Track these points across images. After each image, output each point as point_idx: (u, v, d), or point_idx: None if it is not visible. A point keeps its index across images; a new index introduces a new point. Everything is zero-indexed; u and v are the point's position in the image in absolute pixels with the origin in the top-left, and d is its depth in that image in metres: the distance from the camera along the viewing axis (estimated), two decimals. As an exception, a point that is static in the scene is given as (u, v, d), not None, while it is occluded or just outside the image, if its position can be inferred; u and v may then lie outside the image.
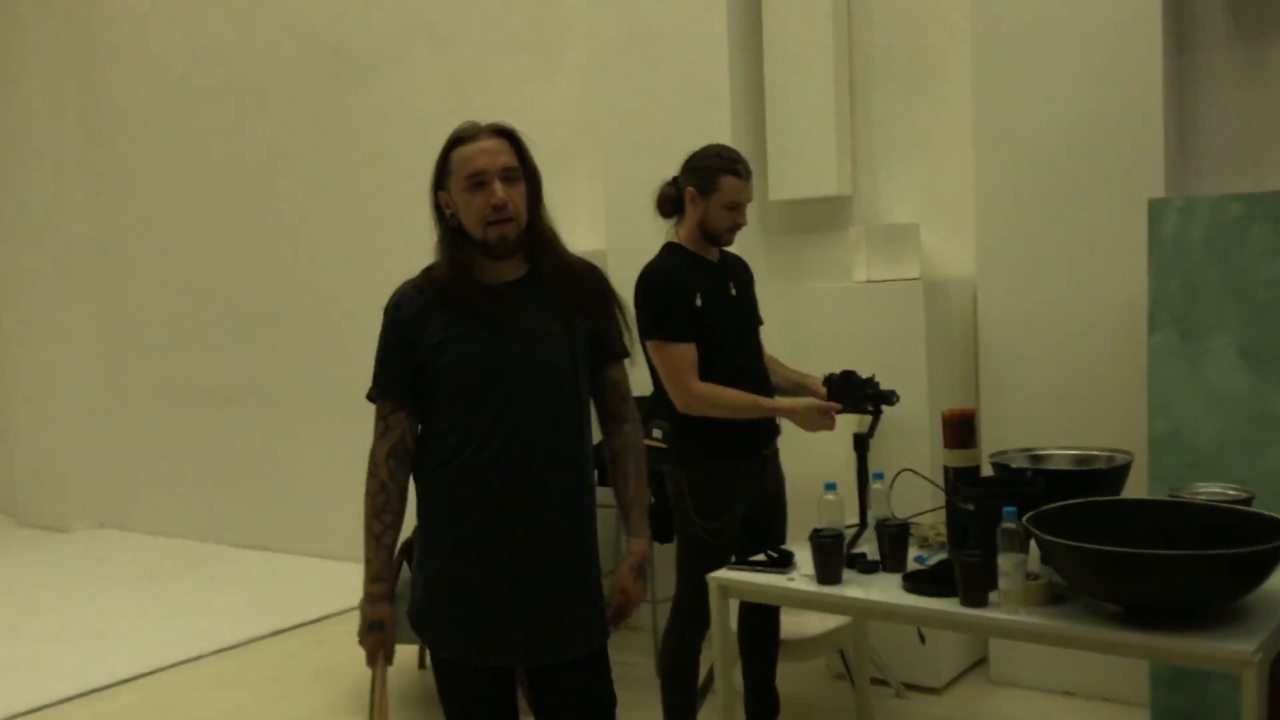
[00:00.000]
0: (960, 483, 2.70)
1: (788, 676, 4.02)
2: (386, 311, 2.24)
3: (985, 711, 3.78)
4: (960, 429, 2.81)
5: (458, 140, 2.20)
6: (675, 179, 3.22)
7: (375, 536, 2.21)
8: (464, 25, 5.54)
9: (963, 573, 2.48)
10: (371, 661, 2.23)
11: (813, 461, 3.72)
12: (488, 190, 2.15)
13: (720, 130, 4.38)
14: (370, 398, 2.27)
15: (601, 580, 2.32)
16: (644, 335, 3.10)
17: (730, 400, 3.07)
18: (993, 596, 2.50)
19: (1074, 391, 3.76)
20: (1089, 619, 2.37)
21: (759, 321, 3.36)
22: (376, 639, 2.21)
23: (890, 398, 3.10)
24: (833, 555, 2.71)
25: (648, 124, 4.61)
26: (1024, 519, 2.43)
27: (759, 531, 3.20)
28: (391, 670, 2.28)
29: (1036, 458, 2.92)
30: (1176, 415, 3.28)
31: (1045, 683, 3.87)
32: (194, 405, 6.97)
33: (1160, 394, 3.30)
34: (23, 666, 4.71)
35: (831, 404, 3.09)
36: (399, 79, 5.81)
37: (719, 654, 2.89)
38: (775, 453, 3.30)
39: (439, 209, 2.24)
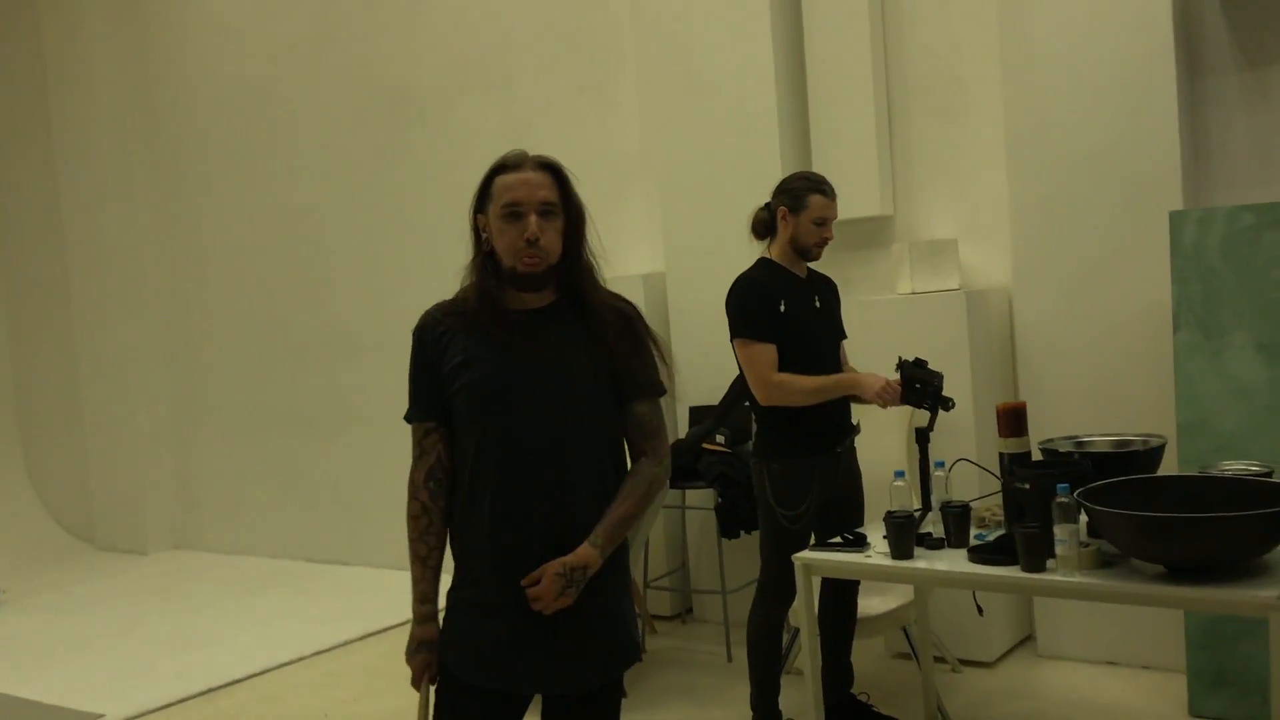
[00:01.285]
0: (1016, 466, 3.08)
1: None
2: (414, 334, 2.29)
3: (1034, 682, 4.14)
4: (1014, 420, 3.18)
5: (502, 167, 2.21)
6: (768, 204, 3.61)
7: (421, 558, 2.23)
8: (521, 67, 5.96)
9: (1024, 542, 2.85)
10: (418, 681, 2.25)
11: (879, 455, 4.11)
12: (522, 223, 2.15)
13: (768, 160, 4.79)
14: (407, 419, 2.29)
15: (630, 609, 2.32)
16: (732, 335, 3.52)
17: (804, 385, 3.45)
18: (1049, 564, 2.87)
19: (1106, 387, 4.13)
20: (1135, 578, 2.73)
21: (841, 335, 3.75)
22: (424, 658, 2.23)
23: (948, 403, 3.47)
24: (905, 533, 3.09)
25: (700, 156, 5.02)
26: (1074, 494, 2.81)
27: (837, 520, 3.58)
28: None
29: (1080, 443, 3.30)
30: (1201, 405, 3.66)
31: (1089, 654, 4.24)
32: (263, 429, 7.38)
33: (1186, 386, 3.68)
34: (141, 670, 5.11)
35: (894, 381, 3.43)
36: (458, 117, 6.23)
37: (805, 626, 3.26)
38: (851, 450, 3.68)
39: (476, 231, 2.25)
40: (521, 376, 2.16)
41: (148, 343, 7.85)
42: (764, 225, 3.62)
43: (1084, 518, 2.91)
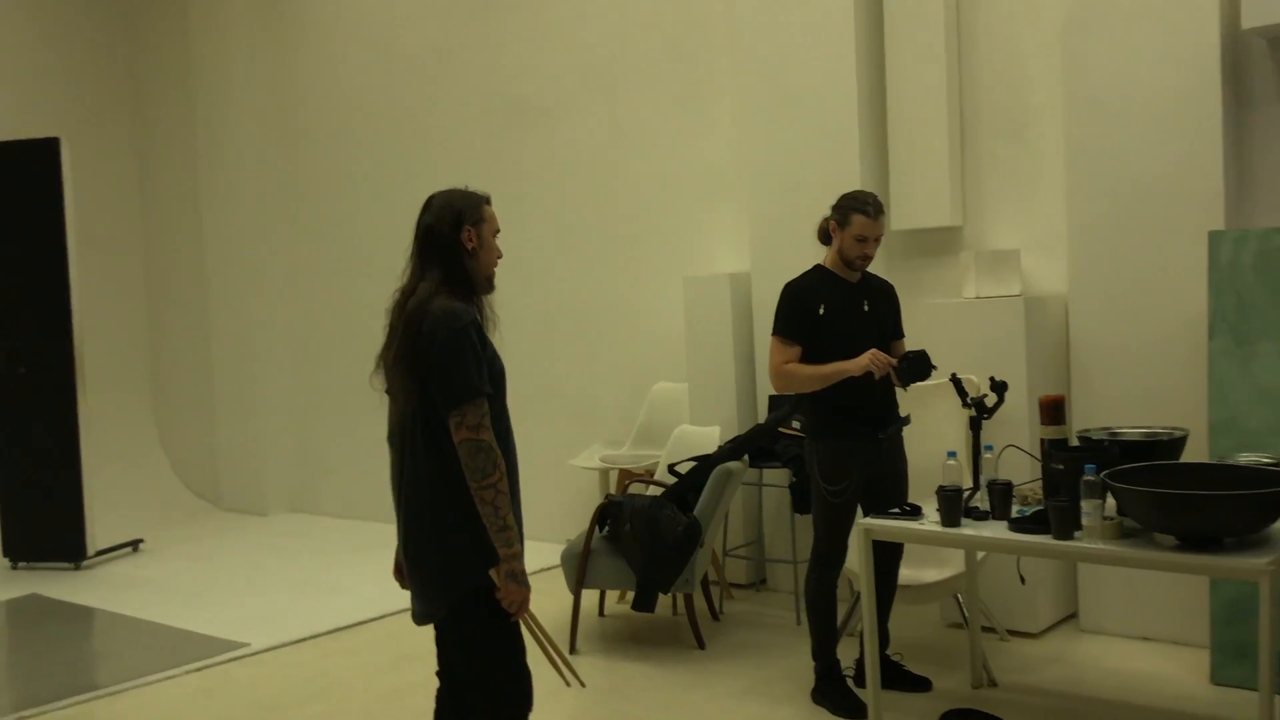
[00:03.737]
0: (1053, 450, 3.55)
1: (908, 622, 4.88)
2: (469, 328, 2.79)
3: (1074, 651, 4.58)
4: (1053, 410, 3.65)
5: (486, 200, 2.99)
6: (828, 215, 4.08)
7: (512, 509, 2.81)
8: (627, 82, 6.51)
9: (1055, 514, 3.32)
10: (526, 610, 2.82)
11: (938, 439, 4.57)
12: (495, 242, 2.99)
13: (849, 172, 5.27)
14: (486, 394, 2.78)
15: None
16: (773, 332, 4.01)
17: (804, 373, 3.93)
18: (1077, 534, 3.33)
19: (1148, 387, 4.55)
20: (1152, 548, 3.19)
21: (894, 336, 4.17)
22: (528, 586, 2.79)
23: (925, 371, 3.87)
24: (953, 504, 3.57)
25: (786, 166, 5.51)
26: (1101, 475, 3.27)
27: (881, 498, 4.03)
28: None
29: (1113, 433, 3.74)
30: (1231, 405, 4.07)
31: (1126, 629, 4.66)
32: (375, 401, 8.00)
33: (1217, 388, 4.10)
34: (275, 610, 5.79)
35: (879, 354, 3.83)
36: (568, 127, 6.80)
37: (865, 587, 3.76)
38: (893, 437, 4.10)
39: (461, 242, 2.90)
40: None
41: (273, 324, 8.59)
42: (824, 233, 4.09)
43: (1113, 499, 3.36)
